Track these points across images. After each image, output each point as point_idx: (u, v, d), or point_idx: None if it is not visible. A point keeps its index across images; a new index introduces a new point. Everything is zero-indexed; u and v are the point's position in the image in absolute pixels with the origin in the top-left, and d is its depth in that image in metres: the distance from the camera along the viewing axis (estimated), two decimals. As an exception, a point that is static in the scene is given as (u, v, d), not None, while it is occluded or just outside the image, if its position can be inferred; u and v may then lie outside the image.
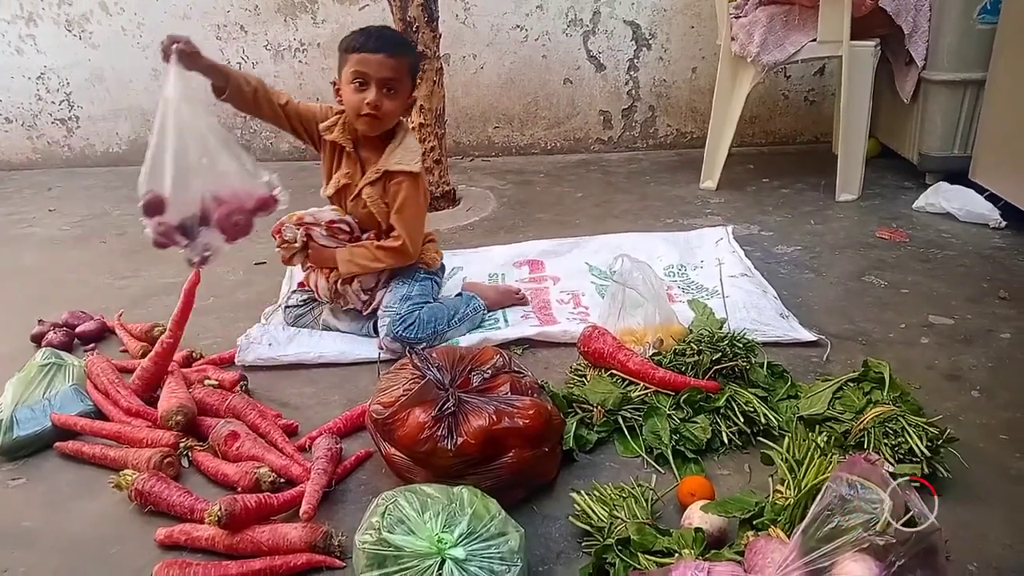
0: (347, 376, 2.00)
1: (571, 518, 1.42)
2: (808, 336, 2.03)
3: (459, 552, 1.16)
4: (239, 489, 1.51)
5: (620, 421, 1.67)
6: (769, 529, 1.24)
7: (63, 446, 1.72)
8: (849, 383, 1.68)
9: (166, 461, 1.60)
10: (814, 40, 3.00)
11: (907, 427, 1.48)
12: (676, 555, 1.20)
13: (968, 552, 1.32)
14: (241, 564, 1.34)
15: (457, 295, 2.24)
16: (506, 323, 2.22)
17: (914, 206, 3.01)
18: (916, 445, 1.45)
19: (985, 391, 1.79)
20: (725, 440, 1.60)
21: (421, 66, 2.78)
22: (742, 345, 1.78)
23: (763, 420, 1.63)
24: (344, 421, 1.74)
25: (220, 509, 1.35)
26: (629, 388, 1.74)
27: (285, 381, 1.98)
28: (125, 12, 4.01)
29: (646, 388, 1.73)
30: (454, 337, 2.10)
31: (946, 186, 2.97)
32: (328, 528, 1.38)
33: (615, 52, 3.99)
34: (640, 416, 1.67)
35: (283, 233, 2.08)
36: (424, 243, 2.15)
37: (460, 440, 1.42)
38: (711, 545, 1.26)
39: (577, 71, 4.03)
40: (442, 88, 3.11)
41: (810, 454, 1.39)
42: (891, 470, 1.38)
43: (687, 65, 4.01)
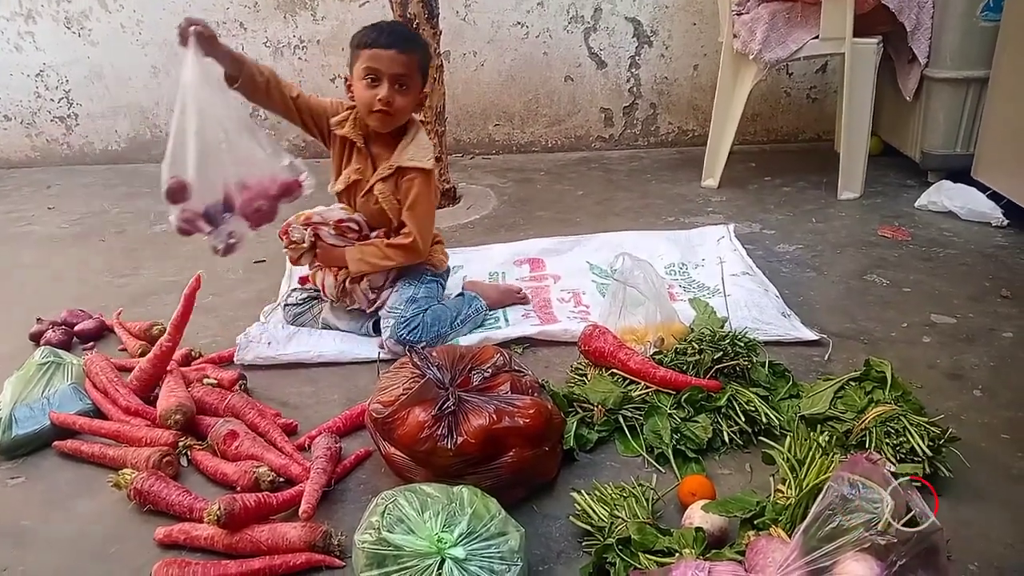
0: (346, 375, 1.99)
1: (571, 517, 1.41)
2: (810, 335, 2.02)
3: (459, 551, 1.16)
4: (238, 488, 1.51)
5: (621, 420, 1.67)
6: (770, 529, 1.24)
7: (62, 445, 1.72)
8: (851, 382, 1.67)
9: (165, 460, 1.60)
10: (816, 37, 2.99)
11: (909, 426, 1.48)
12: (677, 555, 1.20)
13: (970, 552, 1.31)
14: (240, 563, 1.34)
15: (458, 295, 2.23)
16: (507, 322, 2.21)
17: (916, 204, 3.00)
18: (918, 444, 1.44)
19: (987, 390, 1.79)
20: (726, 439, 1.60)
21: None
22: (743, 344, 1.78)
23: (764, 419, 1.63)
24: (344, 420, 1.74)
25: (219, 508, 1.35)
26: (630, 387, 1.74)
27: (284, 380, 1.98)
28: (124, 9, 3.99)
29: (647, 387, 1.72)
30: (455, 338, 2.09)
31: (948, 184, 2.97)
32: (327, 527, 1.38)
33: (616, 49, 3.97)
34: (641, 415, 1.67)
35: (290, 234, 2.07)
36: (432, 244, 2.15)
37: (460, 439, 1.42)
38: (712, 545, 1.26)
39: (578, 68, 4.02)
40: (442, 85, 3.10)
41: (811, 453, 1.39)
42: (892, 469, 1.36)
43: (689, 62, 4.00)
